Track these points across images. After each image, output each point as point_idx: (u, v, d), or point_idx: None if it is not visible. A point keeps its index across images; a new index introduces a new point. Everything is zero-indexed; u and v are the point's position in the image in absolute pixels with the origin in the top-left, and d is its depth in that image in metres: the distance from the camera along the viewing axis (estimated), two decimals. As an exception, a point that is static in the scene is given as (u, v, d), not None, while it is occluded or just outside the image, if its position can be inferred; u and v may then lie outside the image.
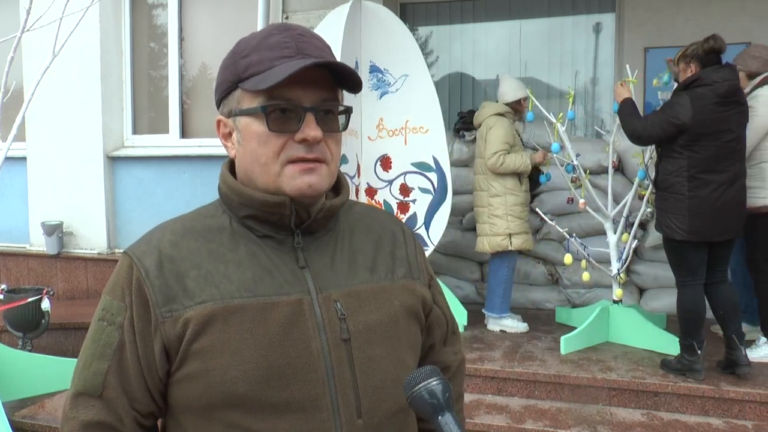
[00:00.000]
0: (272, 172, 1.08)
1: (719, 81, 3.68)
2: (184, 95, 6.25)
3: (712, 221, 3.71)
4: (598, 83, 6.63)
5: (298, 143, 1.07)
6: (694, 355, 3.81)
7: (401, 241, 1.27)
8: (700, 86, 3.72)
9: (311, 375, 1.06)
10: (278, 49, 1.08)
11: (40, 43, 5.61)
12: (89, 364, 1.09)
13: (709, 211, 3.70)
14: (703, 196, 3.71)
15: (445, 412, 0.94)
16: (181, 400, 1.09)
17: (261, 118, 1.07)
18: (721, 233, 3.75)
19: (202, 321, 1.04)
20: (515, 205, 4.75)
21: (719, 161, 3.70)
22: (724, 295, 3.85)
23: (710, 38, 3.79)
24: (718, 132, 3.68)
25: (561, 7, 6.65)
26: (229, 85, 1.12)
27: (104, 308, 1.11)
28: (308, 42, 1.10)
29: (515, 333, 4.82)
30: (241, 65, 1.09)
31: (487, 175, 4.79)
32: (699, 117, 3.67)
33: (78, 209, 6.18)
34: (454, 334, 1.38)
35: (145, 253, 1.10)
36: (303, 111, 1.07)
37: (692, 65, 3.83)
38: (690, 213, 3.73)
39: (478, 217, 4.93)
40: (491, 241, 4.78)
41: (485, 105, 5.01)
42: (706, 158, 3.70)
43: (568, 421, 3.68)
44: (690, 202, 3.73)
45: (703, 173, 3.71)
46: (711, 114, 3.67)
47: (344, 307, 1.11)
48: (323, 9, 5.47)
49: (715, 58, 3.78)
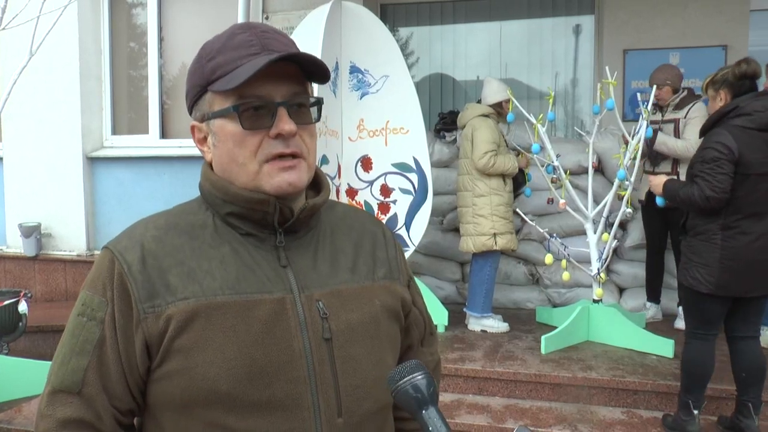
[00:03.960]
0: (251, 171, 1.09)
1: (761, 110, 3.19)
2: (163, 95, 6.20)
3: (746, 276, 3.22)
4: (577, 84, 6.68)
5: (273, 139, 1.07)
6: (689, 415, 3.40)
7: (382, 242, 1.27)
8: (738, 116, 3.22)
9: (293, 374, 1.06)
10: (243, 47, 1.08)
11: (16, 41, 5.54)
12: (68, 361, 1.06)
13: (743, 265, 3.21)
14: (738, 247, 3.21)
15: (429, 406, 0.94)
16: (161, 398, 1.07)
17: (234, 118, 1.07)
18: (752, 290, 3.26)
19: (185, 317, 1.03)
20: (500, 205, 4.77)
21: (760, 204, 3.20)
22: (752, 354, 3.33)
23: (743, 61, 3.31)
24: (764, 173, 3.17)
25: (541, 8, 6.69)
26: (198, 90, 1.12)
27: (84, 303, 1.08)
28: (272, 38, 1.10)
29: (496, 333, 4.84)
30: (208, 68, 1.10)
31: (472, 175, 4.81)
32: (745, 152, 3.15)
33: (56, 210, 6.12)
34: (432, 335, 1.40)
35: (127, 248, 1.09)
36: (275, 106, 1.07)
37: (722, 92, 3.34)
38: (721, 265, 3.22)
39: (461, 217, 4.94)
40: (476, 240, 4.79)
41: (469, 106, 5.02)
42: (748, 203, 3.19)
43: (549, 420, 3.70)
44: (723, 252, 3.23)
45: (742, 220, 3.21)
46: (758, 149, 3.17)
47: (326, 306, 1.11)
48: (303, 9, 5.46)
49: (750, 84, 3.28)
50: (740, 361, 3.37)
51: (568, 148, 5.43)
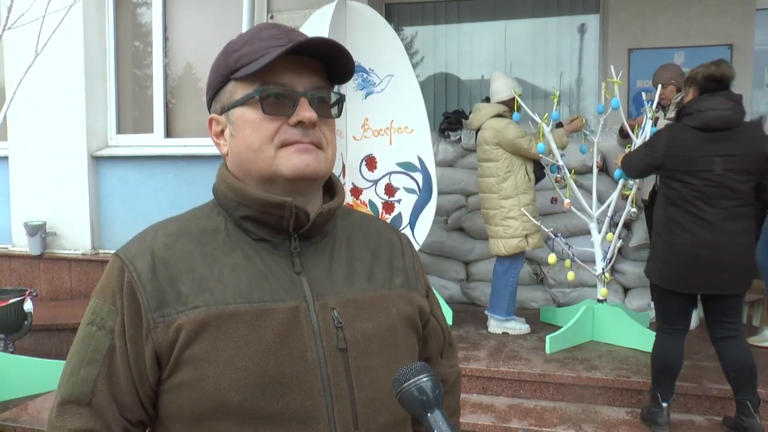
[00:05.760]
0: (266, 156, 1.06)
1: (702, 109, 3.24)
2: (168, 94, 6.21)
3: (690, 272, 3.26)
4: (582, 84, 6.67)
5: (292, 127, 1.06)
6: (658, 407, 3.48)
7: (399, 251, 1.25)
8: (686, 115, 3.32)
9: (306, 385, 1.03)
10: (271, 39, 1.07)
11: (22, 41, 5.55)
12: (77, 370, 1.04)
13: (687, 262, 3.26)
14: (679, 243, 3.29)
15: (435, 409, 0.92)
16: (171, 409, 1.05)
17: (255, 105, 1.06)
18: (702, 287, 3.30)
19: (195, 327, 1.01)
20: (528, 204, 4.70)
21: (699, 201, 3.24)
22: (733, 353, 3.33)
23: (713, 63, 3.32)
24: (699, 171, 3.23)
25: (546, 8, 6.68)
26: (221, 80, 1.11)
27: (94, 312, 1.06)
28: (299, 35, 1.10)
29: (515, 335, 4.80)
30: (233, 58, 1.09)
31: (498, 177, 4.72)
32: (674, 150, 3.29)
33: (61, 209, 6.13)
34: (451, 346, 1.36)
35: (137, 255, 1.07)
36: (297, 95, 1.06)
37: (691, 90, 3.39)
38: (666, 260, 3.34)
39: (488, 220, 4.85)
40: (507, 243, 4.71)
41: (480, 107, 4.93)
42: (682, 197, 3.28)
43: (553, 420, 3.70)
44: (666, 248, 3.35)
45: (684, 216, 3.27)
46: (690, 148, 3.25)
47: (341, 315, 1.08)
48: (308, 9, 5.46)
49: (714, 87, 3.28)
50: (725, 361, 3.37)
51: (573, 148, 5.41)
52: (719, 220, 3.22)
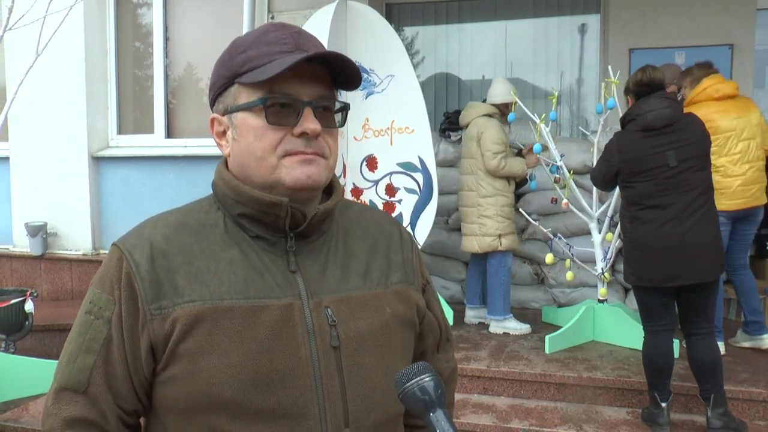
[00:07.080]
0: (269, 164, 1.06)
1: (642, 113, 3.40)
2: (169, 95, 6.22)
3: (663, 265, 3.33)
4: (583, 84, 6.67)
5: (296, 137, 1.06)
6: (658, 408, 3.50)
7: (398, 244, 1.25)
8: (630, 121, 3.48)
9: (299, 382, 1.04)
10: (277, 44, 1.07)
11: (23, 42, 5.56)
12: (74, 359, 1.06)
13: (655, 253, 3.34)
14: (641, 237, 3.39)
15: (437, 409, 0.93)
16: (165, 401, 1.06)
17: (259, 112, 1.06)
18: (678, 277, 3.32)
19: (190, 321, 1.02)
20: (505, 206, 4.75)
21: (658, 197, 3.35)
22: (700, 350, 3.40)
23: (640, 70, 3.52)
24: (654, 168, 3.35)
25: (546, 8, 6.68)
26: (225, 82, 1.11)
27: (92, 301, 1.08)
28: (306, 39, 1.10)
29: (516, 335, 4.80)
30: (239, 60, 1.08)
31: (477, 175, 4.79)
32: (626, 155, 3.42)
33: (62, 210, 6.14)
34: (448, 341, 1.37)
35: (136, 246, 1.08)
36: (302, 105, 1.06)
37: (629, 98, 3.59)
38: (633, 256, 3.44)
39: (465, 217, 4.92)
40: (481, 241, 4.77)
41: (472, 105, 5.01)
42: (642, 195, 3.39)
43: (554, 420, 3.70)
44: (631, 244, 3.45)
45: (643, 211, 3.38)
46: (640, 150, 3.38)
47: (335, 313, 1.09)
48: (309, 9, 5.47)
49: (647, 91, 3.45)
50: (690, 355, 3.44)
51: (573, 148, 5.41)
52: (681, 210, 3.31)
